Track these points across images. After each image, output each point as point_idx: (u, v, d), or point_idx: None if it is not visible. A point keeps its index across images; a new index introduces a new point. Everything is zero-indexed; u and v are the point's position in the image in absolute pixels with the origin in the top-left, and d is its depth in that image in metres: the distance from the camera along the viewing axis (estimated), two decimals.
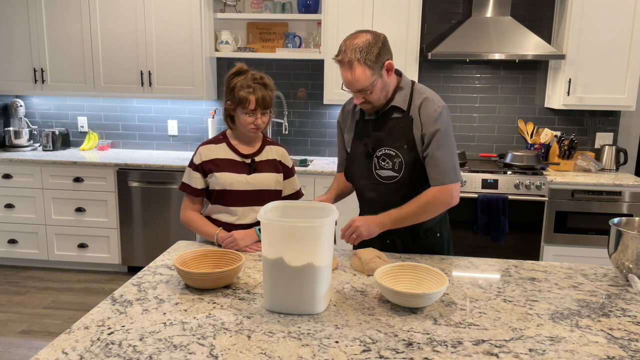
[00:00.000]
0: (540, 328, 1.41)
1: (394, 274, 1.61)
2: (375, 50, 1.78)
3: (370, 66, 1.78)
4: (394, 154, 1.92)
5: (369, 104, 1.89)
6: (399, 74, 1.95)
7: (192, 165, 2.10)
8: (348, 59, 1.78)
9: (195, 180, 2.09)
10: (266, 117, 2.05)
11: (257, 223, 2.06)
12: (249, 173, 2.07)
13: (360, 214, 2.15)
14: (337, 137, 2.16)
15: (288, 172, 2.19)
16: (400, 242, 2.02)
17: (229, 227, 2.07)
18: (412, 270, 1.63)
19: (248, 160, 2.09)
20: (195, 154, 2.11)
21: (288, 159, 2.20)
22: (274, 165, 2.14)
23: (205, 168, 2.07)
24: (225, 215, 2.08)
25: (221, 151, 2.09)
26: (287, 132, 4.41)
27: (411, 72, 3.90)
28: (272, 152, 2.16)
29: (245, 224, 2.08)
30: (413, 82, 1.98)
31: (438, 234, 2.06)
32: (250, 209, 2.08)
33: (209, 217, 2.11)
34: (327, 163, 4.13)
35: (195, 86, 4.10)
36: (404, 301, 1.48)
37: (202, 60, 4.05)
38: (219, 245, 2.02)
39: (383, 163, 1.94)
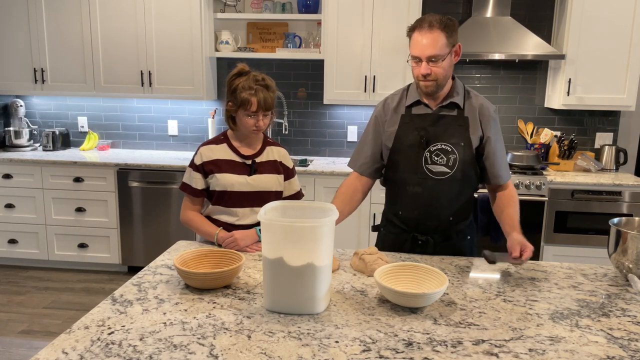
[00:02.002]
0: (540, 328, 1.41)
1: (394, 273, 1.61)
2: (453, 26, 1.85)
3: (447, 36, 1.83)
4: (450, 149, 1.93)
5: (433, 80, 1.88)
6: (452, 77, 1.98)
7: (192, 165, 2.10)
8: (428, 23, 1.82)
9: (196, 180, 2.09)
10: (268, 118, 2.05)
11: (258, 224, 2.06)
12: (249, 174, 2.07)
13: (390, 209, 2.10)
14: (367, 134, 2.08)
15: (288, 173, 2.18)
16: (433, 242, 2.01)
17: (229, 227, 2.07)
18: (412, 270, 1.63)
19: (249, 161, 2.09)
20: (195, 154, 2.11)
21: (289, 160, 2.20)
22: (275, 166, 2.13)
23: (206, 169, 2.07)
24: (226, 216, 2.08)
25: (222, 152, 2.09)
26: (287, 132, 4.41)
27: (411, 72, 3.89)
28: (273, 153, 2.15)
29: (246, 225, 2.08)
30: (463, 84, 2.03)
31: (468, 237, 2.07)
32: (250, 210, 2.08)
33: (209, 217, 2.11)
34: (327, 163, 4.13)
35: (195, 86, 4.10)
36: (404, 301, 1.48)
37: (202, 60, 4.05)
38: (219, 245, 2.02)
39: (436, 158, 1.94)
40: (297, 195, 2.21)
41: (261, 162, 2.11)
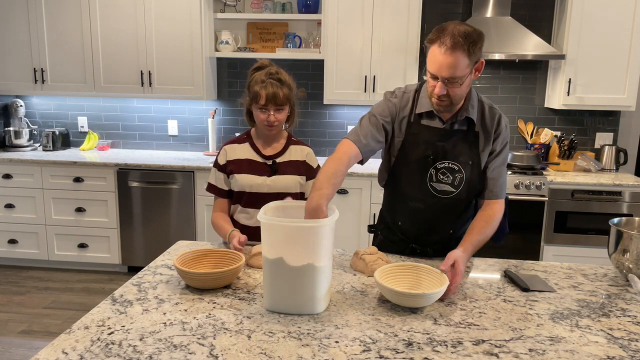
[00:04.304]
0: (540, 328, 1.41)
1: (395, 273, 1.61)
2: (478, 43, 1.65)
3: (469, 56, 1.63)
4: (457, 168, 1.82)
5: (447, 99, 1.71)
6: None
7: (217, 165, 2.08)
8: (452, 42, 1.60)
9: (221, 181, 2.07)
10: (281, 114, 1.98)
11: None
12: (270, 175, 2.03)
13: (389, 215, 2.04)
14: (373, 117, 1.83)
15: (311, 173, 2.08)
16: (432, 252, 1.95)
17: (246, 228, 2.04)
18: (412, 270, 1.63)
19: (269, 162, 2.05)
20: (219, 153, 2.09)
21: (313, 159, 2.12)
22: (297, 167, 2.07)
23: (228, 169, 2.05)
24: (243, 216, 2.07)
25: (244, 151, 2.06)
26: None
27: (411, 72, 3.90)
28: (297, 153, 2.09)
29: (254, 227, 2.04)
30: (477, 93, 1.86)
31: None
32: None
33: (232, 217, 2.10)
34: None
35: (195, 86, 4.10)
36: (404, 301, 1.48)
37: (202, 60, 4.05)
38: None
39: (442, 177, 1.84)
40: None
41: (283, 162, 2.05)
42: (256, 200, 2.03)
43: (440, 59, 1.63)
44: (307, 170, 2.10)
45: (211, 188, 2.11)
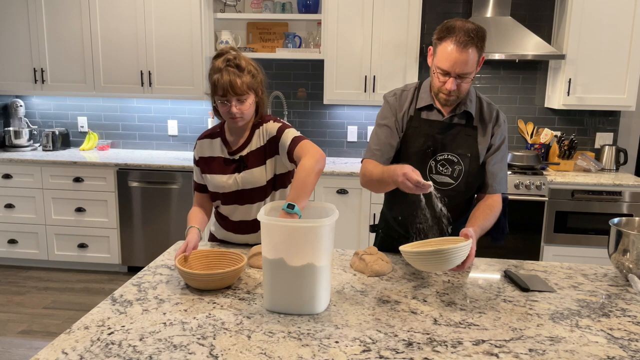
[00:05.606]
0: (540, 328, 1.41)
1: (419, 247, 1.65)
2: (485, 39, 1.73)
3: (479, 52, 1.72)
4: (456, 160, 1.87)
5: (455, 94, 1.78)
6: None
7: (194, 160, 2.05)
8: (465, 38, 1.67)
9: (198, 175, 2.05)
10: (245, 104, 1.81)
11: (248, 220, 2.00)
12: (239, 171, 1.94)
13: (389, 212, 2.06)
14: (379, 127, 1.91)
15: (278, 138, 1.88)
16: None
17: (231, 222, 2.03)
18: (436, 243, 1.69)
19: (237, 157, 1.94)
20: (195, 147, 2.05)
21: (274, 129, 1.90)
22: (262, 154, 1.91)
23: (200, 165, 2.01)
24: (225, 211, 2.04)
25: (214, 148, 1.98)
26: None
27: (411, 72, 3.90)
28: (258, 139, 1.92)
29: (234, 221, 2.01)
30: (475, 90, 1.92)
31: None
32: (236, 207, 1.98)
33: (217, 210, 2.06)
34: (327, 163, 4.13)
35: (195, 86, 4.10)
36: (431, 262, 1.52)
37: (202, 60, 4.04)
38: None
39: (441, 168, 1.88)
40: (296, 141, 1.84)
41: (249, 154, 1.92)
42: (232, 198, 1.96)
43: (455, 56, 1.69)
44: (272, 142, 1.88)
45: (193, 182, 2.08)
